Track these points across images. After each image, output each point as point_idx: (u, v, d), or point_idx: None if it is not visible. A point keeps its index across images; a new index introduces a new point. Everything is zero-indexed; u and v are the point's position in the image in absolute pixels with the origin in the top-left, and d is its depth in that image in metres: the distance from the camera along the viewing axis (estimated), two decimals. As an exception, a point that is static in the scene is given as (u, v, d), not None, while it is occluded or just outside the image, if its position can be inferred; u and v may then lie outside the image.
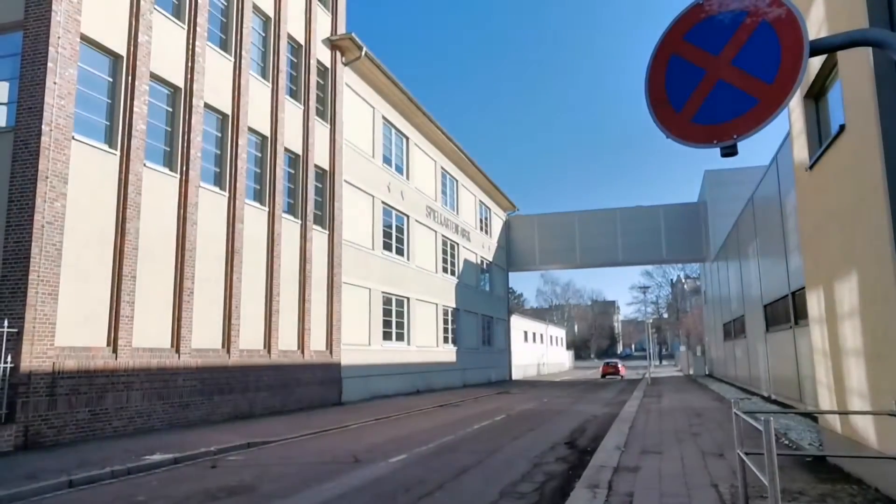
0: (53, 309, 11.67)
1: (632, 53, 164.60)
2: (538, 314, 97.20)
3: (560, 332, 75.96)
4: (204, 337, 15.62)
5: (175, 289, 14.85)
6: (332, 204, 22.04)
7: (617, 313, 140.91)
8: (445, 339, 32.93)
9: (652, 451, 10.34)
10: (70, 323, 12.11)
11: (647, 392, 26.45)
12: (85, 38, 12.90)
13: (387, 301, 26.30)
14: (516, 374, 46.91)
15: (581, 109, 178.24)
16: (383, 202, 26.49)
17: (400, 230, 28.38)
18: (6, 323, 11.01)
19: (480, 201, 41.08)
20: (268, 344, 18.00)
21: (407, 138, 29.63)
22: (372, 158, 25.75)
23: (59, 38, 12.12)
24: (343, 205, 22.77)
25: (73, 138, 12.36)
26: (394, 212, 27.67)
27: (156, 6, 14.78)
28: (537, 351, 58.48)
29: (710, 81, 2.91)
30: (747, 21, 2.84)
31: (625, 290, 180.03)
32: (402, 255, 28.25)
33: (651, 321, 70.68)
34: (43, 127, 11.71)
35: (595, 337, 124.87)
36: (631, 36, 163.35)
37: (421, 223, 30.59)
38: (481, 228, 41.00)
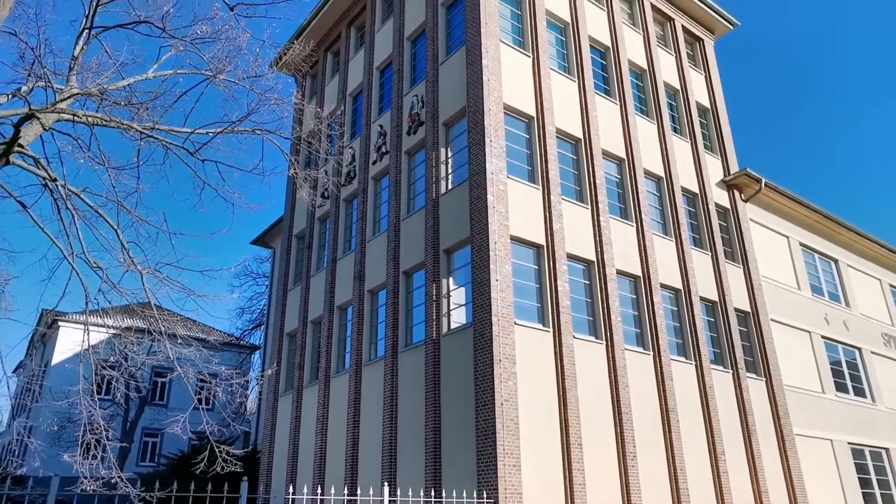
0: (518, 479, 12.91)
1: None
2: None
3: None
4: (654, 502, 15.20)
5: (618, 452, 15.07)
6: (761, 347, 20.30)
7: None
8: (955, 501, 25.45)
9: None
10: (532, 491, 13.17)
11: None
12: (514, 238, 15.30)
13: (857, 454, 21.98)
14: None
15: None
16: (823, 336, 23.25)
17: (852, 366, 24.21)
18: (485, 494, 12.57)
19: (956, 316, 32.79)
20: (722, 509, 16.53)
21: (835, 261, 26.17)
22: (798, 291, 23.30)
23: (495, 243, 14.65)
24: (775, 346, 20.74)
25: (514, 323, 14.31)
26: (839, 346, 23.95)
27: (563, 196, 16.85)
28: None
29: None
30: None
31: None
32: (862, 395, 23.79)
33: None
34: (492, 318, 13.89)
35: None
36: None
37: (879, 354, 25.65)
38: (968, 350, 32.26)
